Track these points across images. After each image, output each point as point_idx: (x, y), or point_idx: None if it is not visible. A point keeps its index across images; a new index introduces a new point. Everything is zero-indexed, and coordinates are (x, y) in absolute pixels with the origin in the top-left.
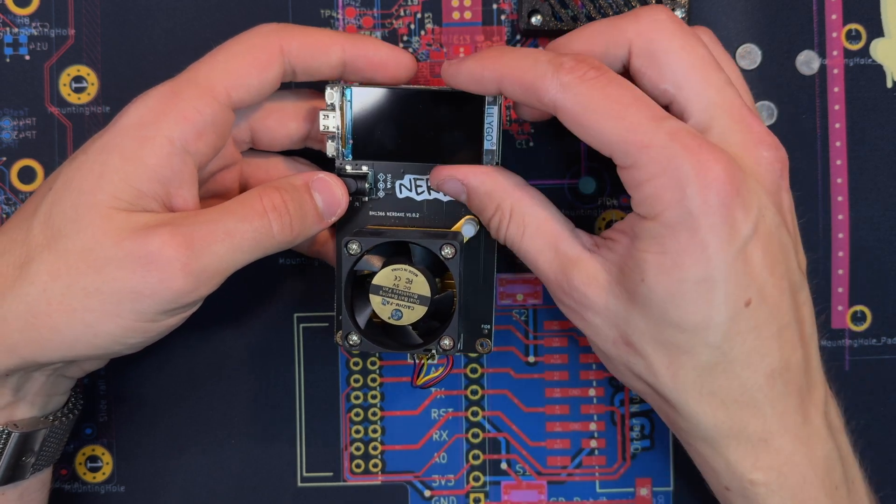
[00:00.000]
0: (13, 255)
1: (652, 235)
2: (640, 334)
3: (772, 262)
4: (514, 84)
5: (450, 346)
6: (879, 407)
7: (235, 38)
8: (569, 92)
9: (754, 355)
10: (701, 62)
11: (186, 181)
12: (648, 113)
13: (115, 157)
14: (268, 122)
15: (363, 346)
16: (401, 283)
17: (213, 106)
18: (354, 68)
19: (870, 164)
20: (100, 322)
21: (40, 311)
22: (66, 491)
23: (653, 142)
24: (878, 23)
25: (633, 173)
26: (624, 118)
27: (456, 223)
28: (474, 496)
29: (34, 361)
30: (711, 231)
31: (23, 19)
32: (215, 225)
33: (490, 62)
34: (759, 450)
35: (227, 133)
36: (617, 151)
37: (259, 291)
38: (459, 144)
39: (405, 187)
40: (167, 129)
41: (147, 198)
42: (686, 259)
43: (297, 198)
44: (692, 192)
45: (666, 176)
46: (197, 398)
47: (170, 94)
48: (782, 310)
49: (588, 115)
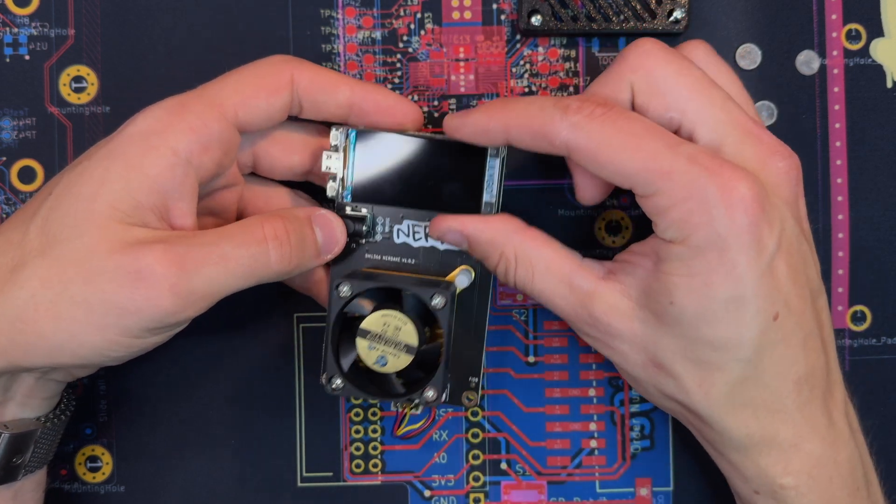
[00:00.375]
0: (7, 257)
1: (679, 258)
2: (671, 355)
3: (794, 273)
4: (522, 131)
5: (433, 399)
6: (879, 407)
7: (248, 64)
8: (580, 131)
9: (783, 365)
10: (698, 83)
11: (186, 194)
12: (664, 141)
13: (118, 164)
14: (272, 150)
15: (346, 390)
16: (389, 330)
17: (221, 122)
18: (360, 111)
19: (870, 164)
20: (84, 333)
21: (28, 316)
22: (66, 491)
23: (673, 168)
24: (878, 23)
25: (657, 200)
26: (640, 149)
27: (451, 272)
28: (474, 496)
29: (19, 365)
30: (740, 251)
31: (23, 19)
32: (211, 248)
33: (496, 112)
34: (789, 455)
35: (232, 152)
36: (638, 182)
37: (259, 291)
38: (459, 194)
39: (403, 232)
40: (173, 140)
41: (145, 210)
42: (716, 279)
43: (298, 229)
44: (719, 213)
45: (692, 200)
46: (197, 398)
47: (178, 106)
48: (806, 318)
49: (603, 150)
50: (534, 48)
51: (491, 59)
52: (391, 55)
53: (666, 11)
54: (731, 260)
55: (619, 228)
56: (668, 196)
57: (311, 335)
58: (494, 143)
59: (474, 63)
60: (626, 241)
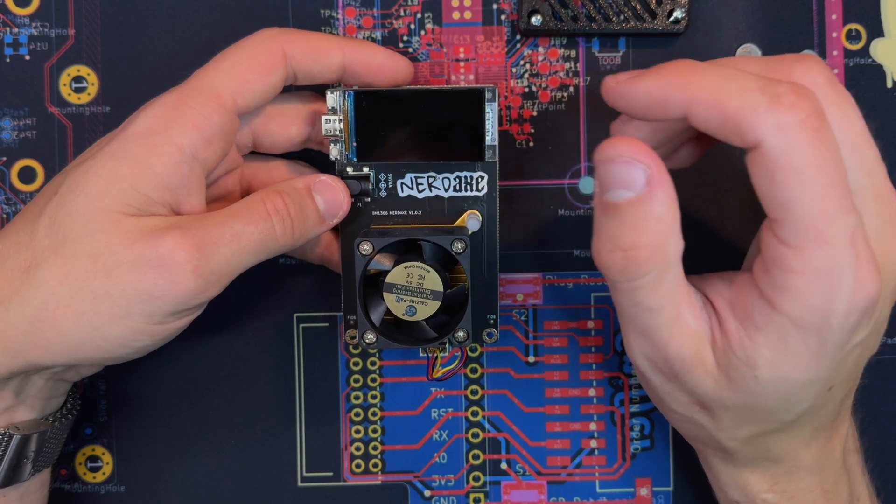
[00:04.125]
0: (18, 259)
1: (779, 331)
2: (725, 409)
3: (863, 358)
4: (710, 112)
5: (464, 338)
6: (879, 407)
7: (238, 44)
8: (784, 138)
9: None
10: (856, 138)
11: (195, 188)
12: (843, 203)
13: (125, 163)
14: (270, 126)
15: (379, 343)
16: (413, 280)
17: (221, 113)
18: (353, 72)
19: None
20: (108, 325)
21: (47, 315)
22: (66, 491)
23: (833, 240)
24: (878, 23)
25: (792, 257)
26: (823, 199)
27: (458, 218)
28: (474, 496)
29: (39, 364)
30: (836, 344)
31: (23, 19)
32: (222, 228)
33: (678, 81)
34: (779, 477)
35: (232, 139)
36: (791, 227)
37: (259, 291)
38: (462, 141)
39: (406, 186)
40: (176, 138)
41: (156, 204)
42: (804, 363)
43: (298, 200)
44: (840, 308)
45: (824, 280)
46: (197, 398)
47: (178, 102)
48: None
49: (789, 174)
50: (534, 48)
51: (491, 59)
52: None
53: (666, 11)
54: (825, 352)
55: None
56: (805, 261)
57: (312, 335)
58: (667, 119)
59: (474, 63)
60: None
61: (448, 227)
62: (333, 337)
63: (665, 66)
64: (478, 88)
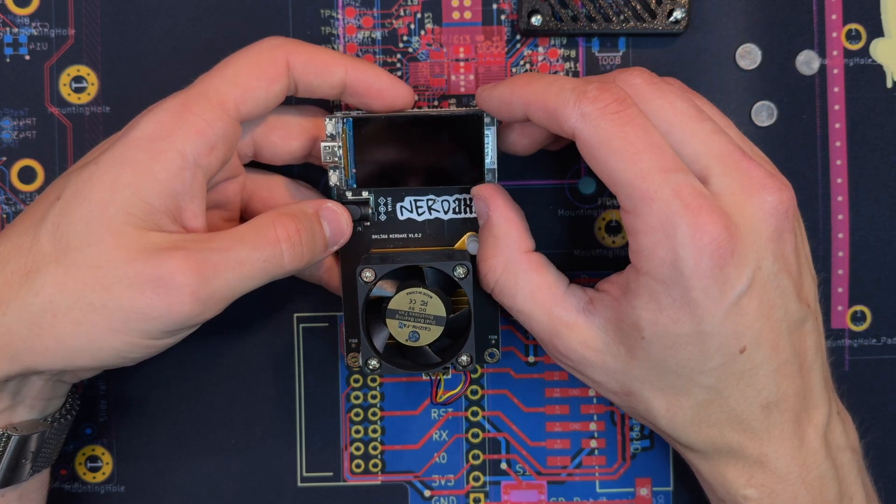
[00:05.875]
0: (18, 263)
1: (648, 291)
2: (640, 383)
3: (768, 309)
4: (539, 110)
5: (468, 363)
6: (879, 407)
7: (242, 51)
8: (588, 123)
9: (750, 392)
10: (681, 116)
11: (197, 195)
12: (660, 163)
13: (128, 170)
14: (272, 137)
15: (383, 369)
16: (416, 306)
17: (224, 120)
18: (354, 92)
19: (870, 164)
20: (104, 337)
21: (45, 322)
22: (66, 491)
23: (657, 195)
24: (878, 23)
25: (633, 220)
26: (635, 163)
27: (458, 240)
28: (474, 496)
29: (36, 369)
30: (703, 293)
31: (23, 19)
32: (228, 253)
33: (519, 88)
34: (753, 469)
35: (234, 146)
36: (622, 195)
37: (259, 291)
38: (461, 165)
39: (406, 209)
40: (179, 144)
41: (159, 213)
42: (681, 315)
43: (309, 227)
44: (685, 254)
45: (662, 233)
46: (197, 398)
47: (181, 107)
48: (780, 348)
49: (602, 150)
50: (534, 48)
51: (491, 59)
52: (391, 55)
53: (666, 11)
54: (694, 300)
55: (619, 228)
56: (642, 221)
57: (312, 335)
58: (515, 118)
59: (474, 63)
60: (626, 241)
61: (449, 250)
62: (333, 337)
63: (512, 78)
64: (477, 113)
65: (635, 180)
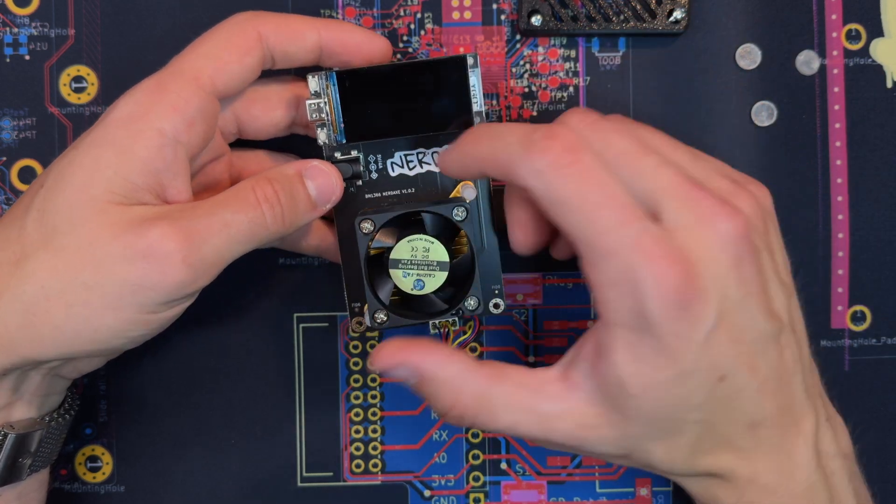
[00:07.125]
0: (7, 254)
1: (624, 343)
2: (638, 440)
3: (739, 335)
4: (492, 168)
5: (475, 306)
6: (879, 407)
7: (214, 28)
8: (541, 181)
9: (735, 414)
10: (624, 156)
11: (180, 172)
12: (618, 217)
13: (108, 151)
14: (253, 111)
15: (391, 321)
16: (418, 253)
17: (200, 95)
18: (331, 52)
19: (870, 164)
20: (99, 316)
21: (39, 308)
22: (66, 491)
23: (618, 250)
24: (878, 23)
25: (595, 274)
26: (594, 222)
27: (453, 190)
28: (474, 496)
29: (33, 359)
30: (675, 337)
31: (23, 19)
32: (212, 217)
33: (470, 148)
34: (744, 488)
35: (214, 122)
36: (582, 249)
37: (259, 291)
38: (450, 111)
39: (396, 165)
40: (157, 122)
41: (142, 190)
42: (660, 361)
43: (288, 187)
44: (652, 305)
45: (626, 286)
46: (197, 398)
47: (156, 86)
48: (757, 368)
49: (559, 209)
50: (534, 48)
51: (491, 59)
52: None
53: (666, 11)
54: (669, 345)
55: None
56: (605, 274)
57: (312, 335)
58: (476, 177)
59: None
60: None
61: (444, 199)
62: (333, 337)
63: (462, 138)
64: (459, 57)
65: (595, 237)
